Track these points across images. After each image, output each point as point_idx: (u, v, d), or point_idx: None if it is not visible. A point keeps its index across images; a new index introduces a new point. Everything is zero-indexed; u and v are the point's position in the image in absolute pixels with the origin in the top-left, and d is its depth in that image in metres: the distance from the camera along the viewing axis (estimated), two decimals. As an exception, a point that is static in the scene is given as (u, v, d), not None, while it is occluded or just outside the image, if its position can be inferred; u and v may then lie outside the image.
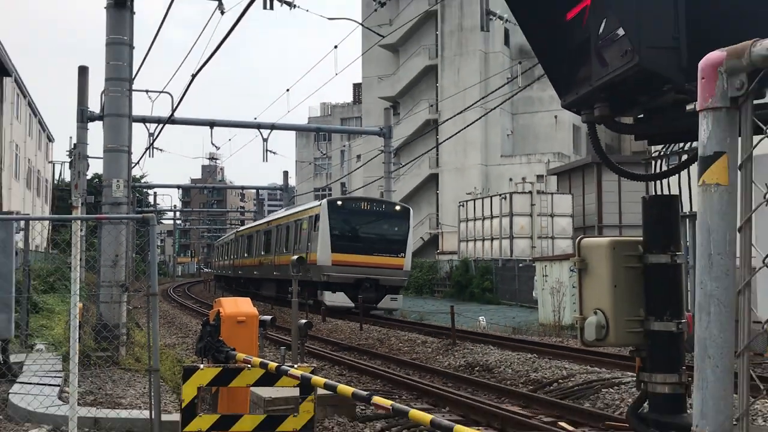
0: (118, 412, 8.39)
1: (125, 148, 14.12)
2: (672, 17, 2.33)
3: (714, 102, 1.53)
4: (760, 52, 1.46)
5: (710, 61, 1.54)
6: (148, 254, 7.57)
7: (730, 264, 1.53)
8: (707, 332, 1.53)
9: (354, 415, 9.43)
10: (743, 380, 1.54)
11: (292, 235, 30.71)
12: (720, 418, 1.51)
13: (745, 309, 1.55)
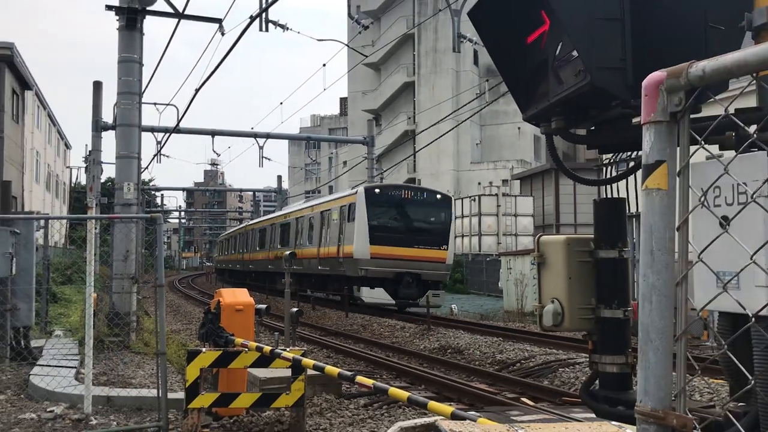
0: (128, 391, 8.33)
1: (135, 154, 14.03)
2: (619, 41, 2.34)
3: (655, 116, 1.54)
4: (696, 73, 1.48)
5: (652, 80, 1.55)
6: (156, 250, 7.51)
7: (669, 259, 1.54)
8: (649, 319, 1.54)
9: (340, 393, 9.42)
10: (681, 361, 1.56)
11: (318, 227, 26.00)
12: (660, 395, 1.52)
13: (682, 299, 1.56)
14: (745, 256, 1.77)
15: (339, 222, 23.45)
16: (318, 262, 25.38)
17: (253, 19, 13.90)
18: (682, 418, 1.49)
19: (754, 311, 1.75)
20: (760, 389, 1.98)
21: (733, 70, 1.40)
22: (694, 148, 1.64)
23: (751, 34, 2.26)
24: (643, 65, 2.27)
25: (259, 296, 27.93)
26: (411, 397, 4.69)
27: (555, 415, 7.52)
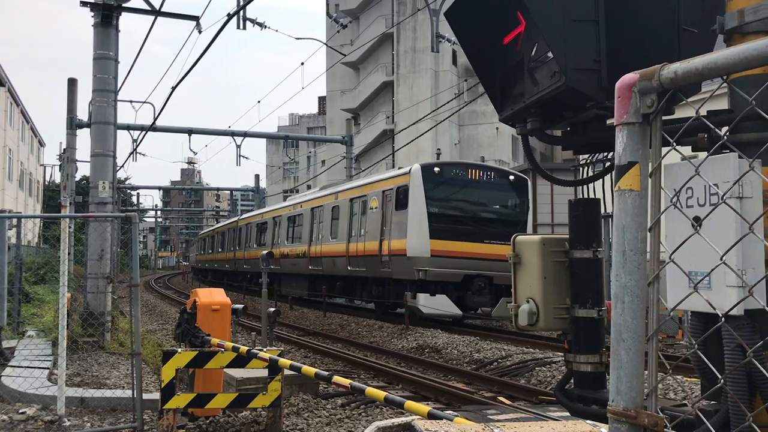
0: (103, 391, 8.24)
1: (110, 152, 13.89)
2: (594, 43, 2.36)
3: (628, 118, 1.56)
4: (668, 75, 1.49)
5: (625, 82, 1.57)
6: (131, 249, 7.44)
7: (641, 259, 1.56)
8: (622, 319, 1.55)
9: (317, 393, 9.40)
10: (652, 361, 1.57)
11: (346, 218, 20.71)
12: (632, 394, 1.54)
13: (654, 299, 1.58)
14: (717, 256, 1.80)
15: (381, 210, 18.15)
16: (347, 262, 20.12)
17: (231, 17, 13.82)
18: (653, 416, 1.51)
19: (725, 311, 1.78)
20: (730, 388, 2.01)
21: (704, 72, 1.42)
22: (666, 149, 1.66)
23: (723, 37, 2.29)
24: (617, 67, 2.29)
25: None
26: (388, 396, 4.69)
27: (531, 414, 7.57)
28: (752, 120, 2.20)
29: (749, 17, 2.14)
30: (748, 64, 1.36)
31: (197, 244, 57.17)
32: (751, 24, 2.17)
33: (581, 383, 2.74)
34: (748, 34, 2.18)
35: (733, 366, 2.07)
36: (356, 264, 19.78)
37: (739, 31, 2.21)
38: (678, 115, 2.61)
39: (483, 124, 52.03)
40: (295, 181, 71.57)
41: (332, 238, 21.80)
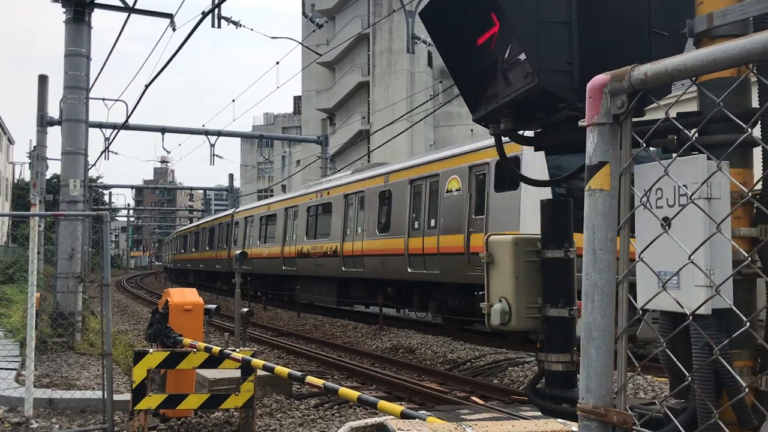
0: (72, 393, 8.12)
1: (82, 150, 13.71)
2: (567, 44, 2.39)
3: (599, 119, 1.57)
4: (638, 76, 1.51)
5: (596, 83, 1.58)
6: (103, 248, 7.35)
7: (611, 258, 1.57)
8: (591, 317, 1.57)
9: (290, 393, 9.37)
10: (621, 359, 1.59)
11: (403, 205, 16.68)
12: (602, 392, 1.55)
13: (623, 298, 1.60)
14: (686, 256, 1.82)
15: (466, 195, 14.28)
16: (406, 262, 16.42)
17: (205, 15, 13.72)
18: (622, 414, 1.52)
19: (693, 310, 1.81)
20: (698, 386, 2.04)
21: (673, 73, 1.43)
22: (635, 150, 1.68)
23: (693, 40, 2.32)
24: (589, 69, 2.31)
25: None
26: (361, 396, 4.68)
27: (504, 413, 7.61)
28: (721, 122, 2.23)
29: (718, 21, 2.17)
30: (716, 66, 1.38)
31: (174, 242, 52.15)
32: (720, 28, 2.20)
33: (552, 382, 2.76)
34: (716, 37, 2.22)
35: (700, 364, 2.10)
36: (423, 266, 15.67)
37: (708, 35, 2.25)
38: (649, 117, 2.64)
39: (458, 125, 52.21)
40: (269, 181, 71.23)
41: (380, 232, 17.56)
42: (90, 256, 31.59)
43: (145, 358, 6.32)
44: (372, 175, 18.85)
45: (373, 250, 17.83)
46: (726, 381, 2.10)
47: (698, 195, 1.99)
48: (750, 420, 2.11)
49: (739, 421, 2.07)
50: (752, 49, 1.28)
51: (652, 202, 2.25)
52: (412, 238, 16.10)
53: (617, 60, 2.09)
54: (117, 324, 18.83)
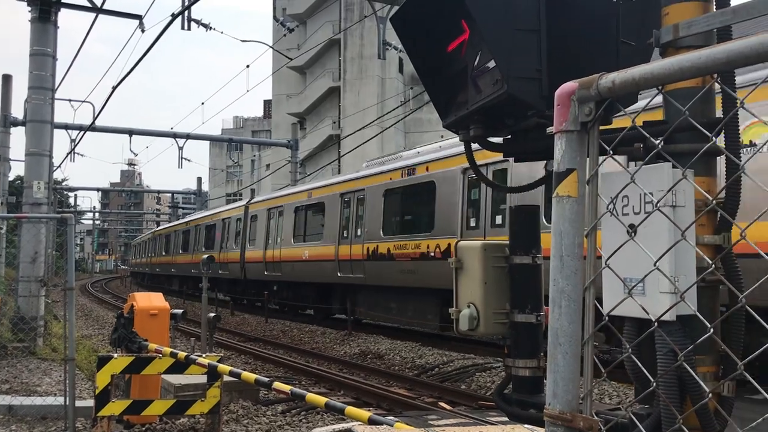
0: (33, 399, 7.95)
1: (47, 152, 13.47)
2: (536, 52, 2.40)
3: (567, 126, 1.58)
4: (606, 84, 1.52)
5: (565, 90, 1.59)
6: (67, 251, 7.21)
7: (578, 264, 1.58)
8: (558, 323, 1.57)
9: (257, 399, 9.28)
10: (588, 365, 1.60)
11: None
12: (568, 397, 1.56)
13: (590, 303, 1.61)
14: (651, 263, 1.84)
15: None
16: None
17: (175, 17, 13.59)
18: (588, 420, 1.53)
19: (658, 316, 1.82)
20: (662, 392, 2.06)
21: (640, 82, 1.45)
22: (602, 157, 1.69)
23: (659, 50, 2.35)
24: (557, 77, 2.33)
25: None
26: (329, 402, 4.65)
27: (471, 418, 7.63)
28: (686, 131, 2.27)
29: (683, 32, 2.21)
30: (683, 75, 1.40)
31: (150, 243, 47.53)
32: (685, 38, 2.24)
33: (520, 388, 2.77)
34: (682, 48, 2.25)
35: (665, 370, 2.12)
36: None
37: (674, 45, 2.28)
38: (616, 126, 2.67)
39: (428, 131, 52.42)
40: (238, 185, 70.76)
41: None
42: (54, 260, 31.05)
43: (109, 364, 6.21)
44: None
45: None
46: (690, 387, 2.13)
47: (663, 203, 2.02)
48: (713, 425, 2.14)
49: (702, 426, 2.10)
50: (717, 59, 1.30)
51: (618, 210, 2.28)
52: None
53: (585, 68, 2.12)
54: (81, 329, 18.51)
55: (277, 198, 23.43)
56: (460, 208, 13.92)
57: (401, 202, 16.26)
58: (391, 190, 16.31)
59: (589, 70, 1.76)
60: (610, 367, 1.74)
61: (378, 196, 16.56)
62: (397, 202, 16.35)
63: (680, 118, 1.60)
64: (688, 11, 2.25)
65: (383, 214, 16.38)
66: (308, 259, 19.64)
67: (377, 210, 16.50)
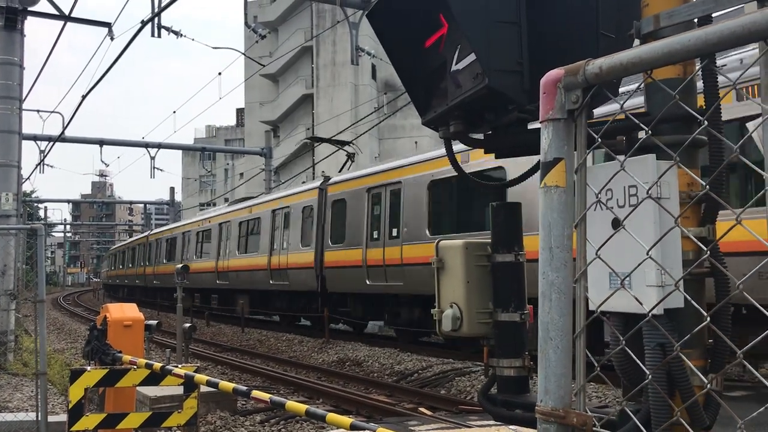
0: (3, 415, 7.75)
1: (15, 163, 13.23)
2: (517, 45, 2.37)
3: (553, 114, 1.54)
4: (593, 70, 1.49)
5: (551, 77, 1.56)
6: (37, 263, 7.05)
7: (567, 256, 1.54)
8: (549, 317, 1.53)
9: (235, 410, 9.15)
10: (580, 359, 1.56)
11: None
12: (561, 393, 1.51)
13: (580, 296, 1.57)
14: (636, 257, 1.80)
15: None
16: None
17: (145, 24, 13.43)
18: (582, 416, 1.49)
19: (646, 310, 1.79)
20: (652, 387, 2.03)
21: (628, 66, 1.41)
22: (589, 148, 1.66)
23: (639, 41, 2.33)
24: (538, 69, 2.30)
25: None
26: (309, 410, 4.56)
27: (452, 423, 7.59)
28: (669, 122, 2.25)
29: (664, 22, 2.19)
30: (671, 59, 1.36)
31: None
32: (666, 29, 2.22)
33: (505, 388, 2.72)
34: (662, 38, 2.23)
35: (653, 365, 2.09)
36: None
37: (655, 36, 2.26)
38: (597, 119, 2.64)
39: (403, 137, 52.55)
40: (212, 194, 70.21)
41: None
42: (24, 273, 30.48)
43: (83, 377, 6.05)
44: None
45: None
46: (678, 381, 2.10)
47: (651, 193, 1.99)
48: (702, 420, 2.11)
49: (692, 420, 2.07)
50: (709, 40, 1.26)
51: (602, 204, 2.25)
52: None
53: (566, 61, 2.08)
54: (53, 343, 18.15)
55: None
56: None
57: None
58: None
59: (570, 63, 1.72)
60: (604, 359, 1.70)
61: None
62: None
63: (670, 102, 1.56)
64: (668, 1, 2.23)
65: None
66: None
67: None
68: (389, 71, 47.32)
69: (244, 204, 24.18)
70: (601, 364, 1.59)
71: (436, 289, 2.90)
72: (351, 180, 17.02)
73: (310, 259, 17.82)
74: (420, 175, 14.19)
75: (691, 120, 2.22)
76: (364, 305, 16.80)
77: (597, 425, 1.49)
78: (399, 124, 50.82)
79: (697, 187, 2.31)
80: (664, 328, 2.13)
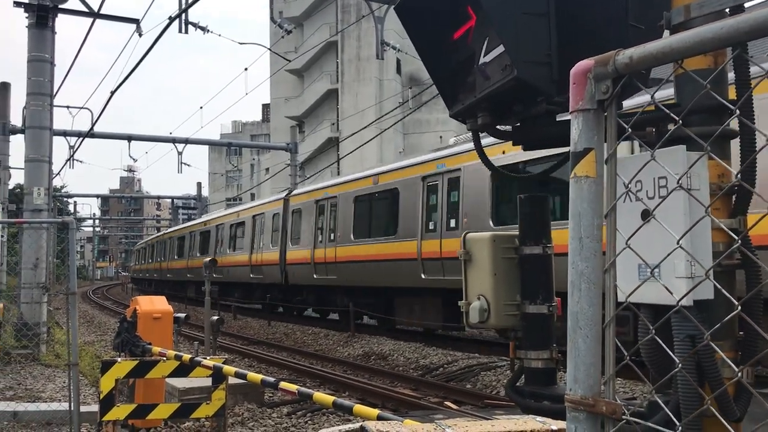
0: (37, 405, 7.92)
1: (46, 158, 13.45)
2: (545, 36, 2.37)
3: (583, 104, 1.55)
4: (623, 60, 1.49)
5: (581, 68, 1.56)
6: (68, 256, 7.18)
7: (597, 246, 1.54)
8: (578, 306, 1.53)
9: (262, 402, 9.24)
10: (610, 348, 1.56)
11: None
12: (590, 382, 1.52)
13: (610, 286, 1.57)
14: (665, 248, 1.80)
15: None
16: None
17: (172, 20, 13.56)
18: (611, 404, 1.49)
19: (676, 301, 1.79)
20: (681, 377, 2.03)
21: (659, 56, 1.41)
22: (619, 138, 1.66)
23: (669, 32, 2.32)
24: (567, 61, 2.30)
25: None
26: (336, 401, 4.60)
27: (478, 417, 7.58)
28: (698, 114, 2.23)
29: (695, 12, 2.17)
30: (703, 48, 1.36)
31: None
32: (697, 19, 2.21)
33: (532, 379, 2.73)
34: (693, 29, 2.22)
35: (683, 356, 2.09)
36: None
37: (685, 27, 2.24)
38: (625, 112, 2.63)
39: (427, 132, 52.46)
40: (238, 189, 70.74)
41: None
42: (55, 267, 31.00)
43: (113, 368, 6.16)
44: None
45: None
46: (708, 372, 2.09)
47: (681, 184, 1.98)
48: (732, 411, 2.11)
49: (722, 412, 2.06)
50: (740, 28, 1.26)
51: (631, 195, 2.24)
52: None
53: (594, 52, 2.08)
54: (83, 335, 18.46)
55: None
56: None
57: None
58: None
59: (598, 54, 1.72)
60: (634, 349, 1.70)
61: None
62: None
63: (701, 92, 1.56)
64: (699, -9, 2.21)
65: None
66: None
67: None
68: (414, 65, 47.22)
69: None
70: (631, 354, 1.60)
71: (463, 282, 2.91)
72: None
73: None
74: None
75: (722, 110, 2.20)
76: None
77: (626, 413, 1.50)
78: (424, 119, 50.72)
79: (728, 178, 2.29)
80: (694, 320, 2.12)
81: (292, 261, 20.69)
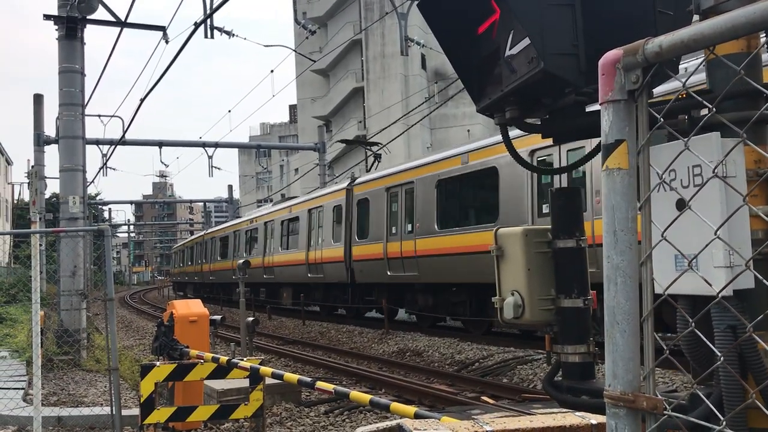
0: (80, 410, 8.06)
1: (80, 167, 13.69)
2: (571, 27, 2.33)
3: (613, 95, 1.52)
4: (653, 49, 1.46)
5: (609, 58, 1.53)
6: (105, 262, 7.29)
7: (632, 239, 1.52)
8: (615, 301, 1.51)
9: (300, 401, 9.30)
10: (649, 343, 1.53)
11: None
12: (629, 377, 1.49)
13: (647, 279, 1.54)
14: (702, 238, 1.76)
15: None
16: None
17: (198, 26, 13.69)
18: (652, 399, 1.47)
19: (716, 292, 1.75)
20: (723, 369, 1.98)
21: (689, 44, 1.38)
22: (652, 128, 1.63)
23: (699, 17, 2.27)
24: (594, 51, 2.26)
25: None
26: (373, 399, 4.62)
27: (516, 411, 7.54)
28: (733, 99, 2.18)
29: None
30: (736, 33, 1.32)
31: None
32: (728, 3, 2.15)
33: (570, 374, 2.70)
34: (724, 13, 2.16)
35: (724, 348, 2.04)
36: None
37: (715, 11, 2.19)
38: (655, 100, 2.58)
39: (454, 126, 52.23)
40: (269, 191, 71.24)
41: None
42: (92, 273, 31.53)
43: (152, 372, 6.25)
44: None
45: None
46: (752, 363, 2.04)
47: (717, 172, 1.93)
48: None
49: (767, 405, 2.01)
50: (776, 11, 1.22)
51: (665, 185, 2.20)
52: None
53: (623, 41, 2.04)
54: (122, 340, 18.76)
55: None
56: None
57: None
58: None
59: (627, 43, 1.69)
60: (674, 341, 1.67)
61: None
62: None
63: (735, 78, 1.52)
64: (729, -26, 2.16)
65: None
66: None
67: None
68: (439, 60, 47.04)
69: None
70: (669, 348, 1.57)
71: (496, 277, 2.88)
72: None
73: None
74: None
75: (757, 95, 2.15)
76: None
77: (668, 408, 1.47)
78: (451, 113, 50.50)
79: (765, 164, 2.23)
80: (734, 310, 2.08)
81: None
